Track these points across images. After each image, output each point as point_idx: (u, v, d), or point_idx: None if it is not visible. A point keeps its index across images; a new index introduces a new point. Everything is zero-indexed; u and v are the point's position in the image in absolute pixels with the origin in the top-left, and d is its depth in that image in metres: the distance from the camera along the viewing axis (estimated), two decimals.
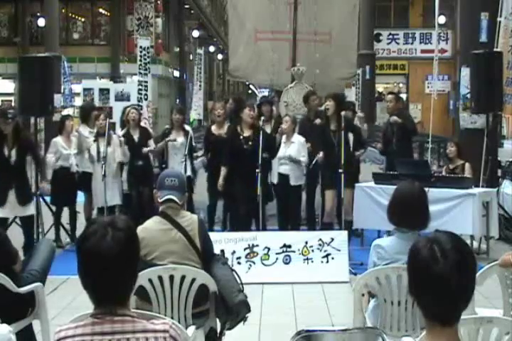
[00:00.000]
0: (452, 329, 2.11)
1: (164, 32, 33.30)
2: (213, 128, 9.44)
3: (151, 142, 9.52)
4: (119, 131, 9.72)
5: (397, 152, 9.40)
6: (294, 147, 8.96)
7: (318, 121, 9.22)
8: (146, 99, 14.56)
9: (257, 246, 7.67)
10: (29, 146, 7.83)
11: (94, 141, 8.91)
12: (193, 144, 9.60)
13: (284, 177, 8.95)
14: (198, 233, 4.39)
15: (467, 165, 8.98)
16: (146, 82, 14.67)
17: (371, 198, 8.50)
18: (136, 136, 9.43)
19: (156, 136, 10.31)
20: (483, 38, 10.92)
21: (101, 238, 2.25)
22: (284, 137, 9.04)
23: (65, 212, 9.43)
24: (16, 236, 7.56)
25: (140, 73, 14.70)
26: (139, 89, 14.55)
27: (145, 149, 9.35)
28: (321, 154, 8.51)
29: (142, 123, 10.13)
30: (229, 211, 9.16)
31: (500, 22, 10.50)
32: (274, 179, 9.06)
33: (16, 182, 7.57)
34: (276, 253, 7.67)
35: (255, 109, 9.01)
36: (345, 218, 8.44)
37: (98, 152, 8.76)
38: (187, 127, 9.80)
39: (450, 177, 8.59)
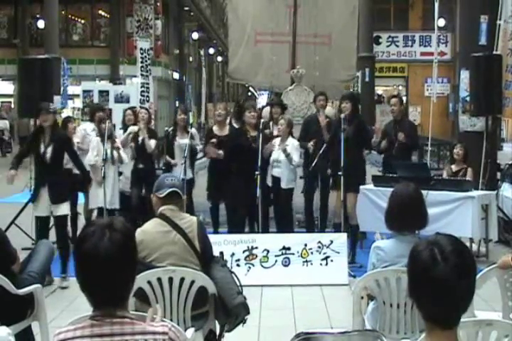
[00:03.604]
0: (452, 332, 2.11)
1: (164, 34, 33.33)
2: (215, 128, 9.38)
3: (153, 142, 9.43)
4: (125, 132, 9.68)
5: (396, 157, 9.28)
6: (287, 150, 8.91)
7: (322, 118, 9.00)
8: (148, 101, 14.58)
9: (256, 248, 7.67)
10: (65, 143, 7.72)
11: (101, 141, 8.88)
12: (196, 147, 9.55)
13: (276, 180, 8.92)
14: (197, 235, 4.39)
15: (469, 170, 8.98)
16: (148, 83, 14.69)
17: (370, 201, 8.49)
18: (141, 138, 9.39)
19: (160, 137, 10.24)
20: (483, 40, 10.93)
21: (98, 239, 2.25)
22: (278, 140, 9.01)
23: None
24: (15, 236, 7.58)
25: (142, 75, 14.71)
26: (142, 91, 14.57)
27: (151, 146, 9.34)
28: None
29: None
30: (227, 212, 9.15)
31: (499, 25, 10.50)
32: (269, 182, 9.03)
33: (49, 180, 7.45)
34: (276, 256, 7.67)
35: (256, 109, 9.01)
36: (351, 222, 8.43)
37: (105, 153, 8.74)
38: (193, 129, 9.74)
39: (449, 180, 8.58)
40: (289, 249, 7.68)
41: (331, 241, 7.70)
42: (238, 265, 7.55)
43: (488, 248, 8.56)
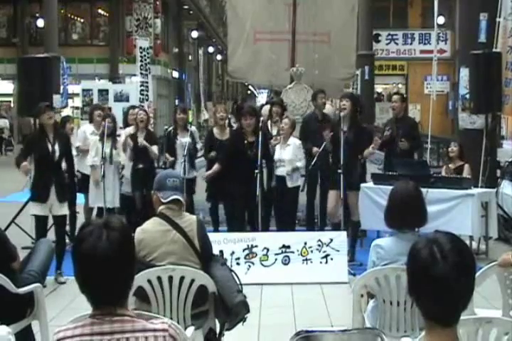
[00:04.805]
0: (451, 330, 2.11)
1: (163, 32, 33.29)
2: (215, 131, 9.31)
3: (155, 148, 9.43)
4: (122, 131, 9.66)
5: (399, 156, 9.27)
6: (289, 150, 8.91)
7: (326, 132, 8.83)
8: (147, 100, 14.58)
9: (256, 246, 7.67)
10: (68, 141, 7.74)
11: (100, 140, 8.85)
12: (197, 146, 9.54)
13: (281, 179, 8.91)
14: (197, 234, 4.39)
15: (466, 166, 8.98)
16: (147, 82, 14.69)
17: (370, 199, 8.48)
18: (141, 139, 9.38)
19: (160, 136, 10.22)
20: (482, 38, 10.91)
21: (96, 239, 2.25)
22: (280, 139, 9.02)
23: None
24: (15, 235, 7.57)
25: (141, 74, 14.71)
26: (141, 90, 14.57)
27: (144, 143, 9.27)
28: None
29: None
30: (226, 212, 9.13)
31: (499, 22, 10.49)
32: (274, 181, 9.01)
33: (57, 178, 7.44)
34: (276, 254, 7.67)
35: (256, 112, 8.94)
36: (351, 219, 8.42)
37: (103, 152, 8.72)
38: (192, 128, 9.75)
39: (449, 178, 8.58)
40: (288, 247, 7.68)
41: (331, 240, 7.70)
42: (238, 263, 7.55)
43: (487, 245, 8.55)
